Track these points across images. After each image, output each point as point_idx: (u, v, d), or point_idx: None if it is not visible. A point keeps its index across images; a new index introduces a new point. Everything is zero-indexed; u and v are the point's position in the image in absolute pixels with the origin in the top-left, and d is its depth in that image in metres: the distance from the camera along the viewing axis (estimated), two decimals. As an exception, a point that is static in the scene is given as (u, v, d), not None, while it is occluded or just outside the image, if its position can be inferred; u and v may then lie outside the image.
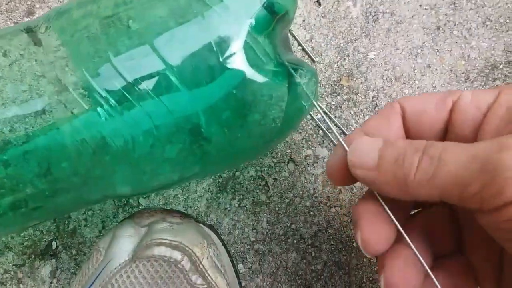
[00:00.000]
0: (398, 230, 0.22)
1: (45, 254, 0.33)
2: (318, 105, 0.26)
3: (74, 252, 0.32)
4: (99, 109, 0.23)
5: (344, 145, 0.23)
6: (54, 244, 0.33)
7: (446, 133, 0.22)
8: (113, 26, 0.24)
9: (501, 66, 0.36)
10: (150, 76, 0.23)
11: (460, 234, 0.24)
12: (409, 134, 0.23)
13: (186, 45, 0.23)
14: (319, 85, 0.35)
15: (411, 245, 0.21)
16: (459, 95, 0.21)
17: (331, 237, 0.33)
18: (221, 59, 0.23)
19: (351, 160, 0.21)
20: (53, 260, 0.32)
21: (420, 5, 0.37)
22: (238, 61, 0.23)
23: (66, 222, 0.33)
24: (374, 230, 0.21)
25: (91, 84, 0.23)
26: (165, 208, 0.33)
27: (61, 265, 0.32)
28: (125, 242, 0.27)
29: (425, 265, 0.21)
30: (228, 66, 0.23)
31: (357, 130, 0.23)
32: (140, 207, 0.33)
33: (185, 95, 0.23)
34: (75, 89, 0.23)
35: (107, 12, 0.24)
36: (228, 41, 0.23)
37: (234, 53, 0.23)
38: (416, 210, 0.25)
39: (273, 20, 0.24)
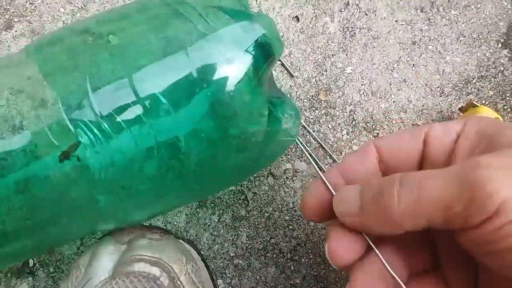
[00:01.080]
0: (369, 244, 0.22)
1: (22, 272, 0.32)
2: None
3: (51, 269, 0.32)
4: (79, 136, 0.23)
5: (324, 178, 0.24)
6: (31, 261, 0.32)
7: (422, 164, 0.23)
8: (95, 50, 0.24)
9: (474, 81, 0.37)
10: (136, 102, 0.23)
11: (436, 251, 0.24)
12: (388, 170, 0.24)
13: (176, 72, 0.23)
14: (297, 99, 0.36)
15: (379, 254, 0.22)
16: (429, 127, 0.22)
17: (309, 251, 0.33)
18: (210, 90, 0.23)
19: (338, 211, 0.22)
20: (30, 278, 0.32)
21: (396, 21, 0.38)
22: (225, 93, 0.24)
23: (44, 239, 0.33)
24: (341, 242, 0.22)
25: (70, 114, 0.23)
26: (145, 224, 0.33)
27: (38, 283, 0.32)
28: (105, 260, 0.27)
29: (393, 273, 0.21)
30: (217, 97, 0.24)
31: (333, 169, 0.25)
32: (119, 222, 0.33)
33: (170, 119, 0.23)
34: (54, 104, 0.23)
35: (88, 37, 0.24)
36: (216, 71, 0.23)
37: (224, 85, 0.24)
38: None
39: (265, 63, 0.25)
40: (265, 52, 0.25)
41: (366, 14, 0.38)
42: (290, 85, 0.36)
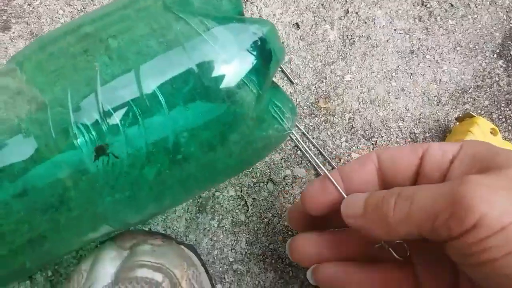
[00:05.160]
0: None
1: (19, 275, 0.32)
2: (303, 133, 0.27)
3: (49, 273, 0.32)
4: (78, 139, 0.22)
5: (324, 170, 0.26)
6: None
7: (417, 179, 0.24)
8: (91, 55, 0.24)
9: (470, 90, 0.37)
10: (136, 101, 0.23)
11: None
12: (385, 180, 0.25)
13: (172, 70, 0.24)
14: (297, 106, 0.36)
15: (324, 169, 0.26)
16: (428, 145, 0.24)
17: (308, 257, 0.34)
18: (209, 86, 0.24)
19: (344, 212, 0.24)
20: (28, 282, 0.32)
21: (395, 30, 0.38)
22: (228, 94, 0.24)
23: (42, 243, 0.32)
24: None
25: (69, 117, 0.23)
26: (146, 230, 0.33)
27: (36, 287, 0.32)
28: (107, 265, 0.27)
29: (339, 188, 0.25)
30: (216, 95, 0.24)
31: (336, 171, 0.26)
32: (119, 227, 0.33)
33: (169, 119, 0.23)
34: (53, 108, 0.23)
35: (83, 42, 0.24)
36: (215, 69, 0.24)
37: (226, 86, 0.24)
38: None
39: (267, 66, 0.25)
40: (266, 54, 0.25)
41: (365, 23, 0.38)
42: (290, 92, 0.36)
